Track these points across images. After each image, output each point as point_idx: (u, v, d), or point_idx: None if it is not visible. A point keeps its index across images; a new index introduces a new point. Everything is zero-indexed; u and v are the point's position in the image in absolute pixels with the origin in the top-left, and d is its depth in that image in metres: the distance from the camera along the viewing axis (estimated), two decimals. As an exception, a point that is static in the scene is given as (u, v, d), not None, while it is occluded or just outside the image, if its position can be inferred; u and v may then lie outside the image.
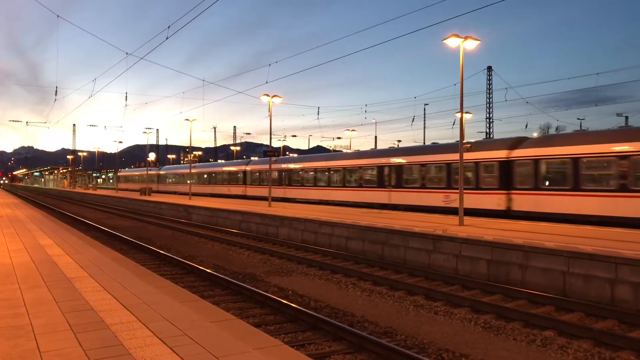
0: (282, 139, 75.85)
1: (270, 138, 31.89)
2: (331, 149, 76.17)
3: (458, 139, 21.06)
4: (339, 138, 77.21)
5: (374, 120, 71.91)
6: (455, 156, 23.02)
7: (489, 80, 58.15)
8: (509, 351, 8.04)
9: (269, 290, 11.67)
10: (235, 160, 56.00)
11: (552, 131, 71.88)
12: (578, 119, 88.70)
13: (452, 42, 17.81)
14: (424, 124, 68.96)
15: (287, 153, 74.87)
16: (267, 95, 29.72)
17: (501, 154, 22.80)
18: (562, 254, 11.38)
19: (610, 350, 8.04)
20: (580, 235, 14.00)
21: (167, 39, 20.69)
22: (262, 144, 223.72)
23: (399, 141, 77.45)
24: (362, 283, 13.02)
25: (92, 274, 8.94)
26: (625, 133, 19.44)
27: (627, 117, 63.30)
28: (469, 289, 12.22)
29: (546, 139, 23.03)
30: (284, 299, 10.45)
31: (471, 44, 18.14)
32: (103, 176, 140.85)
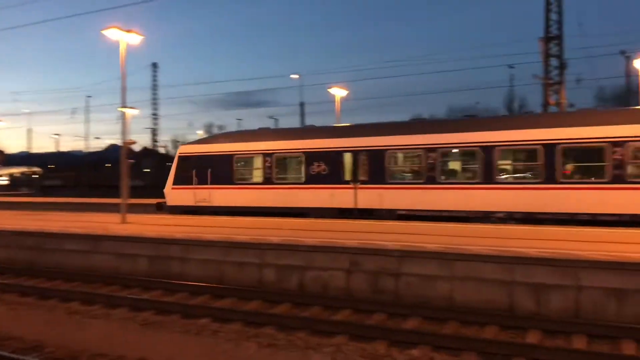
0: None
1: None
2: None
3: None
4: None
5: (27, 111, 63.88)
6: None
7: (155, 76, 58.41)
8: (166, 344, 8.17)
9: None
10: None
11: (215, 130, 76.61)
12: (237, 119, 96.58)
13: (113, 34, 17.07)
14: (86, 117, 64.74)
15: None
16: None
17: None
18: (219, 245, 12.21)
19: (257, 328, 8.93)
20: (238, 226, 15.24)
21: None
22: None
23: (58, 135, 70.92)
24: (7, 296, 11.39)
25: None
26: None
27: (276, 120, 71.94)
28: (130, 288, 11.97)
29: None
30: None
31: (134, 38, 17.74)
32: None
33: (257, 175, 20.12)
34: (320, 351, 7.65)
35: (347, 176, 18.34)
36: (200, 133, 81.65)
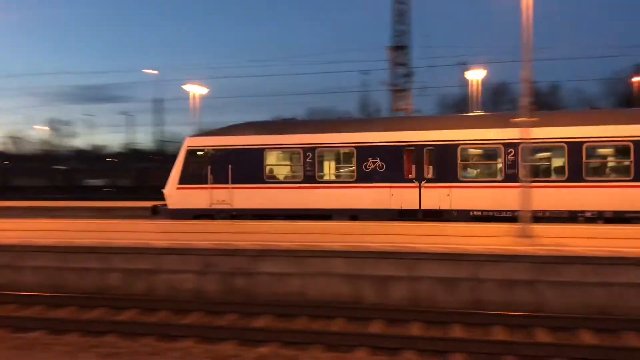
0: None
1: None
2: None
3: None
4: None
5: None
6: None
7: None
8: (-11, 363, 7.31)
9: None
10: None
11: (60, 125, 70.75)
12: (87, 114, 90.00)
13: None
14: None
15: None
16: None
17: None
18: (56, 250, 11.26)
19: (98, 337, 8.34)
20: (79, 230, 14.19)
21: None
22: None
23: None
24: None
25: None
26: None
27: (131, 116, 68.28)
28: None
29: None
30: None
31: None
32: None
33: (295, 173, 17.52)
34: (167, 355, 7.37)
35: (410, 174, 16.47)
36: (42, 128, 74.94)
